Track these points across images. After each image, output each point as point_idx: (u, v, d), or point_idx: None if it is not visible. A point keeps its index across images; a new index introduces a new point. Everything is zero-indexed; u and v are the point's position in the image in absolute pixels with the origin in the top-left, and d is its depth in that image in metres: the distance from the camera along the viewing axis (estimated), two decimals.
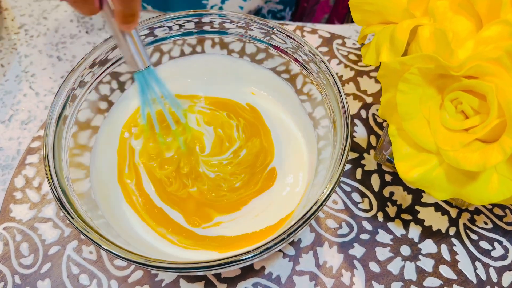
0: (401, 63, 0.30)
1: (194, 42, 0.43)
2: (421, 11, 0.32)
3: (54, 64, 0.54)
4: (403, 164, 0.32)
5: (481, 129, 0.28)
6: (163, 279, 0.39)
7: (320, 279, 0.39)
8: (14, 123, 0.49)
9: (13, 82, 0.53)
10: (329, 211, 0.42)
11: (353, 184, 0.44)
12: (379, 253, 0.40)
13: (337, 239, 0.41)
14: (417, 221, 0.42)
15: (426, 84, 0.30)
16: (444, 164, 0.30)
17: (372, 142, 0.46)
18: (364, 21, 0.36)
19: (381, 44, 0.33)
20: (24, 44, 0.56)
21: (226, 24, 0.41)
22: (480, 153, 0.28)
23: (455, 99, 0.29)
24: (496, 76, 0.27)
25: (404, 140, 0.32)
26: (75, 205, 0.32)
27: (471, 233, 0.41)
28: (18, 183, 0.44)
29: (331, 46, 0.53)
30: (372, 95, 0.50)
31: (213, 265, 0.29)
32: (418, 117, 0.31)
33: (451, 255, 0.40)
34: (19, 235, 0.41)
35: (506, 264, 0.39)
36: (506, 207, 0.42)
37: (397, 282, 0.39)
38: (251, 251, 0.29)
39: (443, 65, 0.27)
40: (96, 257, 0.40)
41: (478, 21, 0.29)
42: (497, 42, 0.27)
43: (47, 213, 0.42)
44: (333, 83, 0.36)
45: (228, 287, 0.38)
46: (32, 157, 0.45)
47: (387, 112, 0.34)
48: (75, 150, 0.37)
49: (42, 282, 0.39)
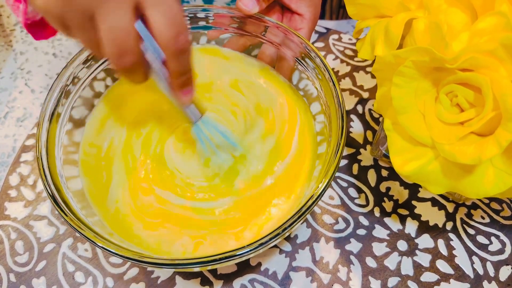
0: (396, 56, 0.29)
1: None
2: (415, 4, 0.32)
3: (50, 61, 0.54)
4: (398, 158, 0.31)
5: (476, 122, 0.28)
6: (159, 276, 0.39)
7: (316, 275, 0.39)
8: (10, 120, 0.49)
9: (9, 79, 0.53)
10: (325, 206, 0.42)
11: (349, 179, 0.44)
12: (376, 248, 0.40)
13: (334, 235, 0.41)
14: (414, 216, 0.41)
15: (421, 77, 0.29)
16: (440, 157, 0.30)
17: (369, 137, 0.46)
18: (359, 15, 0.36)
19: (376, 37, 0.33)
20: (20, 41, 0.56)
21: (221, 19, 0.41)
22: (475, 146, 0.28)
23: (450, 92, 0.29)
24: (491, 69, 0.26)
25: (399, 134, 0.32)
26: (69, 202, 0.32)
27: (468, 227, 0.41)
28: (12, 181, 0.44)
29: (327, 41, 0.53)
30: (369, 90, 0.49)
31: (208, 260, 0.28)
32: (413, 111, 0.30)
33: (448, 250, 0.40)
34: (14, 233, 0.41)
35: (503, 259, 0.39)
36: (503, 201, 0.42)
37: (394, 277, 0.38)
38: (246, 246, 0.29)
39: (438, 58, 0.27)
40: (92, 255, 0.40)
41: (472, 13, 0.29)
42: (492, 34, 0.27)
43: (42, 211, 0.42)
44: (329, 78, 0.36)
45: (225, 283, 0.38)
46: (27, 155, 0.45)
47: (383, 106, 0.33)
48: (70, 148, 0.37)
49: (38, 280, 0.38)
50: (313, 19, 0.42)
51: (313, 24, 0.42)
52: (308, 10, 0.41)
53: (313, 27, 0.42)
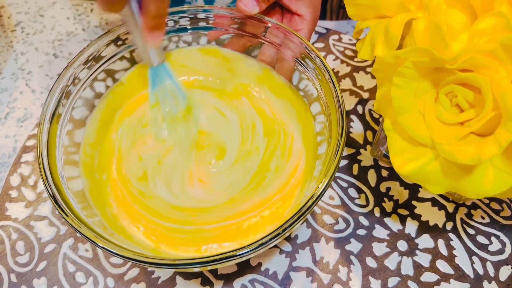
0: (396, 57, 0.29)
1: (189, 39, 0.43)
2: (415, 5, 0.32)
3: (51, 62, 0.54)
4: (398, 158, 0.31)
5: (476, 122, 0.28)
6: (160, 276, 0.39)
7: (317, 275, 0.39)
8: (10, 120, 0.49)
9: (9, 80, 0.53)
10: (325, 206, 0.42)
11: (349, 179, 0.44)
12: (376, 248, 0.40)
13: (334, 235, 0.41)
14: (414, 216, 0.41)
15: (421, 77, 0.30)
16: (440, 157, 0.30)
17: (369, 137, 0.46)
18: (359, 16, 0.36)
19: (376, 38, 0.33)
20: (21, 42, 0.56)
21: (221, 20, 0.41)
22: (475, 146, 0.28)
23: (450, 93, 0.29)
24: (491, 69, 0.26)
25: (399, 134, 0.32)
26: (70, 203, 0.32)
27: (468, 227, 0.41)
28: (13, 181, 0.44)
29: (327, 41, 0.53)
30: (369, 91, 0.49)
31: (208, 260, 0.28)
32: (413, 111, 0.30)
33: (448, 250, 0.40)
34: (15, 234, 0.41)
35: (503, 259, 0.39)
36: (503, 201, 0.42)
37: (394, 277, 0.38)
38: (247, 247, 0.29)
39: (437, 58, 0.27)
40: (92, 255, 0.40)
41: (472, 13, 0.29)
42: (492, 34, 0.27)
43: (43, 211, 0.42)
44: (329, 79, 0.36)
45: (225, 283, 0.38)
46: (27, 155, 0.45)
47: (382, 107, 0.34)
48: (70, 148, 0.37)
49: (38, 280, 0.39)
50: (313, 20, 0.42)
51: (313, 24, 0.42)
52: (308, 10, 0.42)
53: (313, 27, 0.43)
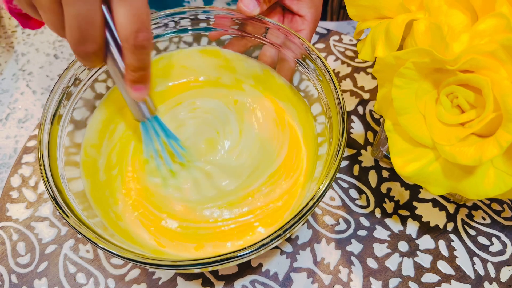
0: (396, 58, 0.29)
1: (190, 39, 0.43)
2: (416, 5, 0.32)
3: (51, 63, 0.54)
4: (399, 159, 0.31)
5: (477, 123, 0.28)
6: (160, 277, 0.39)
7: (317, 276, 0.39)
8: (11, 121, 0.49)
9: (10, 81, 0.53)
10: (326, 207, 0.42)
11: (350, 180, 0.44)
12: (377, 249, 0.40)
13: (335, 236, 0.41)
14: (414, 217, 0.41)
15: (422, 78, 0.30)
16: (440, 158, 0.30)
17: (369, 138, 0.46)
18: (360, 16, 0.36)
19: (377, 39, 0.33)
20: (21, 43, 0.56)
21: (222, 20, 0.41)
22: (476, 147, 0.28)
23: (451, 94, 0.29)
24: (492, 70, 0.26)
25: (400, 135, 0.32)
26: (71, 203, 0.32)
27: (469, 228, 0.41)
28: (14, 182, 0.44)
29: (328, 42, 0.53)
30: (369, 91, 0.49)
31: (209, 262, 0.28)
32: (414, 112, 0.30)
33: (449, 251, 0.40)
34: (16, 234, 0.41)
35: (504, 259, 0.39)
36: (504, 202, 0.42)
37: (395, 278, 0.38)
38: (248, 248, 0.29)
39: (438, 59, 0.27)
40: (93, 256, 0.40)
41: (473, 14, 0.29)
42: (492, 35, 0.27)
43: (43, 212, 0.42)
44: (330, 79, 0.36)
45: (226, 284, 0.38)
46: (28, 156, 0.45)
47: (383, 107, 0.34)
48: (71, 149, 0.37)
49: (39, 281, 0.39)
50: (314, 21, 0.42)
51: (314, 25, 0.42)
52: (309, 11, 0.41)
53: (314, 28, 0.43)
